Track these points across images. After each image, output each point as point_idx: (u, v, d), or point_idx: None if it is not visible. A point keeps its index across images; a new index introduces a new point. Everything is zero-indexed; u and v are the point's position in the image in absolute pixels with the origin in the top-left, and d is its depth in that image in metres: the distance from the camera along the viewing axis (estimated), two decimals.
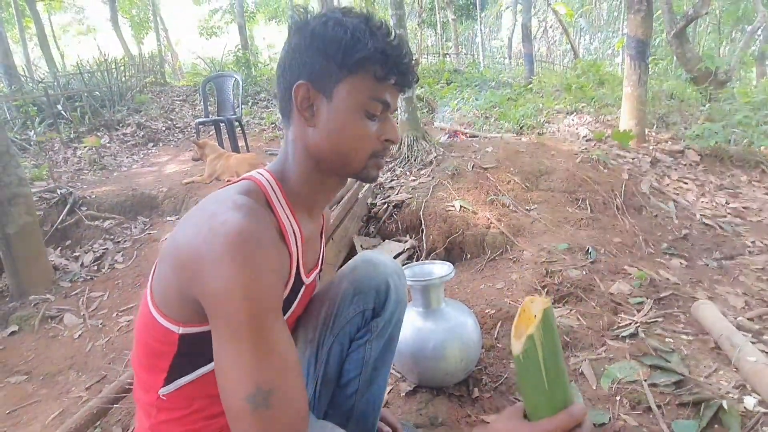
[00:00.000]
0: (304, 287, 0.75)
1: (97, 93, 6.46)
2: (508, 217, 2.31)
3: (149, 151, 5.73)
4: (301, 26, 0.65)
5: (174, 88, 8.64)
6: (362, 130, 0.66)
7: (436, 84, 7.81)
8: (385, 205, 2.40)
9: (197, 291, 0.56)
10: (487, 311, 1.67)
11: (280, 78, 0.68)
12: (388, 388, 1.34)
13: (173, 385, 0.65)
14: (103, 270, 2.93)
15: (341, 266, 2.17)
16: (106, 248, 3.18)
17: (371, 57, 0.62)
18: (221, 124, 4.69)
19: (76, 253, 3.12)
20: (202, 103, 5.92)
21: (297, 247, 0.69)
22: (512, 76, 9.31)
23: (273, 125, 6.44)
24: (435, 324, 1.28)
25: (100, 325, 2.36)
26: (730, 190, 3.04)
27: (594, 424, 1.18)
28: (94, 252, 3.11)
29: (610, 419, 1.20)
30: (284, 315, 0.70)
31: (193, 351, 0.62)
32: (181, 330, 0.61)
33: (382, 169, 0.74)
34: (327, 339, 0.86)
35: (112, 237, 3.31)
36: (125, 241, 3.27)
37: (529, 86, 6.73)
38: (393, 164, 3.01)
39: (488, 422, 1.19)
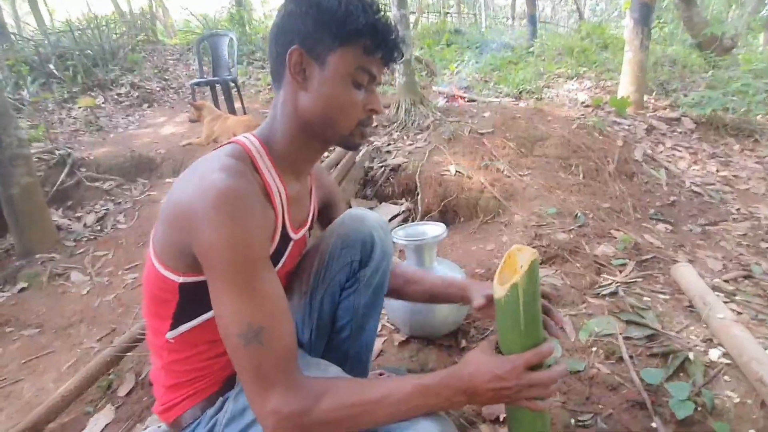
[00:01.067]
0: (292, 242, 0.82)
1: (88, 51, 6.28)
2: (502, 182, 2.37)
3: (144, 112, 5.65)
4: None
5: (167, 47, 8.36)
6: (351, 98, 0.71)
7: (436, 45, 7.61)
8: (382, 169, 2.44)
9: (192, 243, 0.63)
10: (477, 270, 1.76)
11: (274, 41, 0.72)
12: (383, 339, 1.45)
13: (178, 330, 0.74)
14: (106, 230, 3.00)
15: None
16: (108, 209, 3.23)
17: (362, 30, 0.67)
18: (216, 85, 4.62)
19: (78, 214, 3.17)
20: (196, 63, 5.79)
21: (282, 205, 0.76)
22: (514, 38, 9.04)
23: (269, 86, 6.33)
24: None
25: (107, 282, 2.45)
26: (722, 159, 3.09)
27: (570, 371, 1.30)
28: (95, 213, 3.16)
29: (585, 367, 1.31)
30: (276, 267, 0.78)
31: (193, 299, 0.70)
32: (181, 279, 0.69)
33: (366, 138, 0.80)
34: (319, 289, 0.94)
35: (113, 198, 3.36)
36: (126, 202, 3.31)
37: (531, 49, 6.57)
38: (390, 128, 3.02)
39: None
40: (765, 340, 1.38)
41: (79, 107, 4.99)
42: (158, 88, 6.38)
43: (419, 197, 2.25)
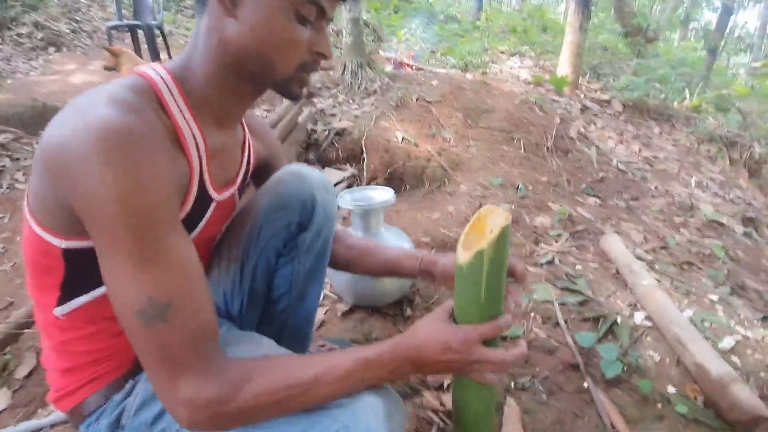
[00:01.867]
0: (214, 203, 0.68)
1: None
2: (448, 152, 2.35)
3: (51, 57, 4.91)
4: None
5: None
6: (292, 34, 0.58)
7: (383, 10, 7.37)
8: (326, 132, 2.31)
9: (69, 196, 0.49)
10: (423, 239, 1.73)
11: None
12: (325, 309, 1.37)
13: (69, 306, 0.59)
14: (2, 189, 2.57)
15: None
16: (3, 165, 2.77)
17: None
18: (139, 31, 4.08)
19: None
20: (114, 5, 5.06)
21: (199, 156, 0.61)
22: (460, 11, 9.04)
23: None
24: None
25: (2, 249, 2.11)
26: (644, 140, 3.34)
27: (510, 336, 1.32)
28: None
29: (524, 332, 1.35)
30: (192, 232, 0.65)
31: (84, 269, 0.56)
32: (64, 244, 0.54)
33: (306, 86, 0.66)
34: (251, 255, 0.82)
35: (10, 153, 2.88)
36: (26, 159, 2.85)
37: (477, 24, 6.60)
38: (335, 90, 2.86)
39: None
40: (680, 304, 1.51)
41: None
42: (68, 31, 5.55)
43: (365, 163, 2.17)
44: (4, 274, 1.94)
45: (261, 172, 0.86)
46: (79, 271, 0.56)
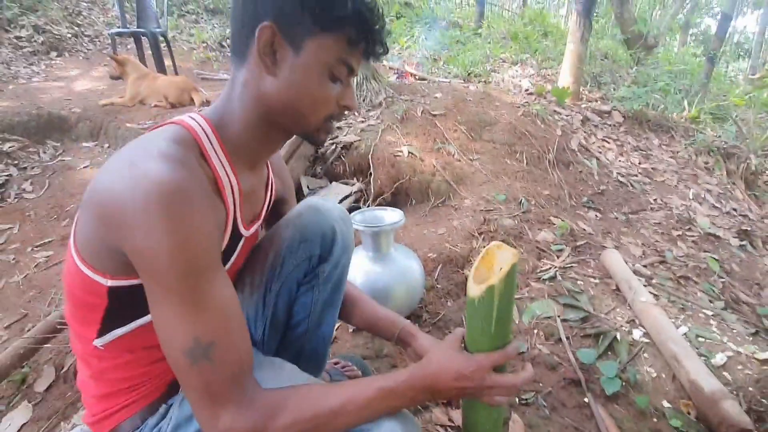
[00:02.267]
0: (243, 239, 0.74)
1: None
2: (453, 166, 2.40)
3: (53, 62, 4.94)
4: None
5: None
6: (324, 92, 0.64)
7: (386, 16, 7.42)
8: (333, 146, 2.36)
9: (123, 245, 0.53)
10: (429, 255, 1.78)
11: (240, 7, 0.62)
12: (337, 325, 1.42)
13: (108, 337, 0.64)
14: (9, 199, 2.61)
15: None
16: (10, 175, 2.80)
17: (349, 18, 0.60)
18: (142, 38, 4.11)
19: None
20: (116, 9, 5.08)
21: (234, 200, 0.67)
22: (462, 17, 9.09)
23: (204, 44, 5.80)
24: (383, 268, 1.35)
25: (13, 261, 2.15)
26: (644, 152, 3.40)
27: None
28: None
29: (527, 348, 1.40)
30: (225, 266, 0.70)
31: (125, 304, 0.60)
32: (110, 283, 0.59)
33: (331, 133, 0.74)
34: (274, 284, 0.87)
35: (16, 162, 2.92)
36: (33, 168, 2.90)
37: (479, 31, 6.65)
38: (347, 114, 2.90)
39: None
40: (676, 319, 1.57)
41: None
42: (69, 35, 5.57)
43: (372, 178, 2.22)
44: (16, 286, 1.98)
45: (275, 205, 0.92)
46: (120, 306, 0.61)
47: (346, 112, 0.71)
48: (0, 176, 2.77)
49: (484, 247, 0.72)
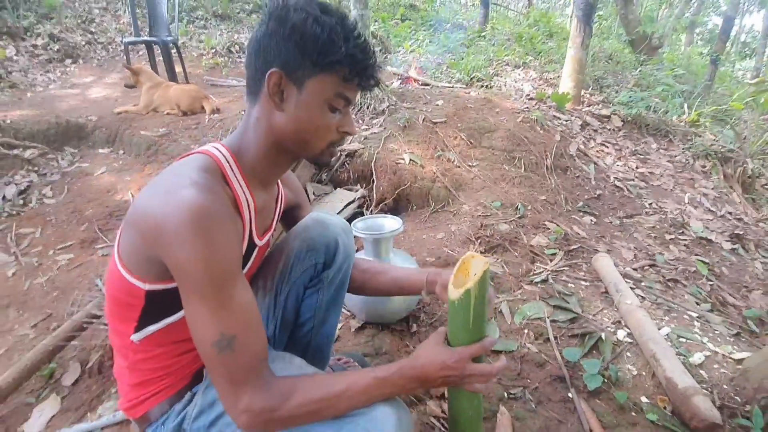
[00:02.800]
0: (257, 248, 0.87)
1: None
2: (452, 172, 2.50)
3: (68, 69, 5.10)
4: (281, 15, 0.70)
5: None
6: (325, 122, 0.75)
7: (390, 19, 7.52)
8: (338, 154, 2.47)
9: (162, 257, 0.65)
10: (428, 259, 1.88)
11: (254, 56, 0.74)
12: (340, 325, 1.53)
13: (143, 333, 0.76)
14: (30, 205, 2.76)
15: None
16: (31, 181, 2.95)
17: (342, 60, 0.71)
18: (154, 46, 4.25)
19: None
20: (128, 16, 5.22)
21: (250, 216, 0.79)
22: (467, 18, 9.16)
23: (213, 50, 5.94)
24: None
25: (36, 263, 2.28)
26: (642, 156, 3.47)
27: (505, 351, 1.48)
28: (16, 185, 2.87)
29: (517, 347, 1.50)
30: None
31: (159, 305, 0.72)
32: (147, 287, 0.71)
33: (335, 156, 0.87)
34: (284, 288, 1.00)
35: (36, 169, 3.06)
36: (53, 174, 3.04)
37: (483, 33, 6.72)
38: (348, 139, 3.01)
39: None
40: (660, 321, 1.65)
41: None
42: (83, 42, 5.73)
43: (374, 184, 2.32)
44: (41, 287, 2.11)
45: (288, 212, 1.06)
46: (155, 307, 0.74)
47: (346, 137, 0.83)
48: (22, 182, 2.92)
49: (470, 254, 0.85)
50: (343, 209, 2.16)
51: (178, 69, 4.28)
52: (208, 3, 7.13)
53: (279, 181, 0.96)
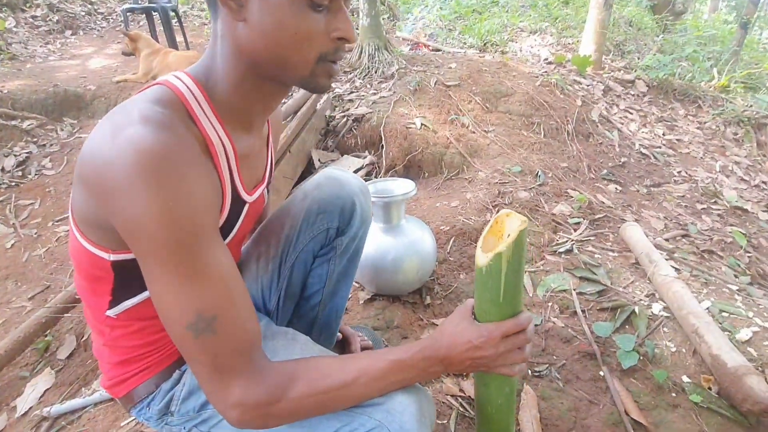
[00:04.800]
0: (247, 205, 0.70)
1: None
2: (467, 138, 2.34)
3: (68, 40, 4.96)
4: None
5: None
6: (306, 26, 0.53)
7: None
8: (345, 119, 2.31)
9: (111, 218, 0.50)
10: (441, 227, 1.75)
11: None
12: (349, 296, 1.42)
13: (119, 308, 0.63)
14: (30, 176, 2.68)
15: (299, 181, 2.14)
16: (30, 152, 2.86)
17: None
18: (154, 13, 4.08)
19: None
20: None
21: (229, 164, 0.62)
22: None
23: None
24: (395, 239, 1.33)
25: (35, 235, 2.21)
26: (669, 122, 3.25)
27: None
28: (15, 156, 2.79)
29: (541, 321, 1.37)
30: (228, 235, 0.67)
31: (132, 276, 0.57)
32: (112, 257, 0.57)
33: (334, 76, 0.62)
34: (290, 255, 0.86)
35: (35, 140, 2.97)
36: (51, 145, 2.95)
37: None
38: (353, 75, 2.84)
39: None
40: (698, 294, 1.51)
41: None
42: (83, 13, 5.57)
43: (384, 150, 2.18)
44: (39, 259, 2.04)
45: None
46: (128, 278, 0.59)
47: (345, 47, 0.61)
48: (21, 153, 2.83)
49: (505, 211, 0.67)
50: None
51: (179, 38, 4.12)
52: None
53: (269, 122, 0.77)
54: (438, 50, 3.95)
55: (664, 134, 3.07)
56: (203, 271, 0.51)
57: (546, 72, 3.20)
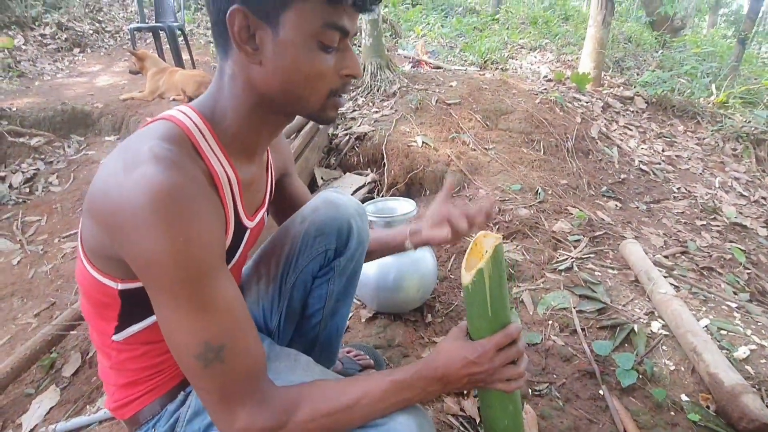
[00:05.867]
0: (248, 231, 0.72)
1: None
2: (467, 156, 2.37)
3: (75, 58, 5.06)
4: None
5: None
6: (318, 66, 0.57)
7: (400, 4, 7.33)
8: (347, 137, 2.36)
9: (121, 251, 0.52)
10: (443, 246, 1.77)
11: None
12: (349, 315, 1.44)
13: (126, 332, 0.65)
14: (37, 193, 2.72)
15: None
16: (37, 169, 2.91)
17: None
18: (161, 32, 4.18)
19: (2, 174, 2.83)
20: (136, 5, 5.17)
21: (233, 193, 0.64)
22: (479, 3, 8.90)
23: None
24: (396, 258, 1.35)
25: (41, 251, 2.24)
26: (668, 139, 3.28)
27: (528, 344, 1.37)
28: (23, 173, 2.84)
29: (541, 339, 1.39)
30: (231, 261, 0.70)
31: (139, 302, 0.59)
32: (120, 286, 0.59)
33: (341, 108, 0.66)
34: (290, 276, 0.88)
35: (43, 156, 3.02)
36: (59, 162, 3.00)
37: (496, 17, 6.50)
38: (355, 93, 2.89)
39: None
40: (697, 311, 1.52)
41: None
42: (91, 31, 5.69)
43: (385, 168, 2.21)
44: (45, 276, 2.07)
45: (277, 184, 0.90)
46: (135, 305, 0.61)
47: (352, 81, 0.64)
48: (29, 170, 2.88)
49: (481, 233, 0.72)
50: (353, 194, 2.06)
51: (185, 56, 4.21)
52: None
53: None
54: (439, 68, 4.02)
55: (663, 150, 3.10)
56: (211, 303, 0.53)
57: (545, 89, 3.25)
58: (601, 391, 1.20)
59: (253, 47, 0.56)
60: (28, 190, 2.72)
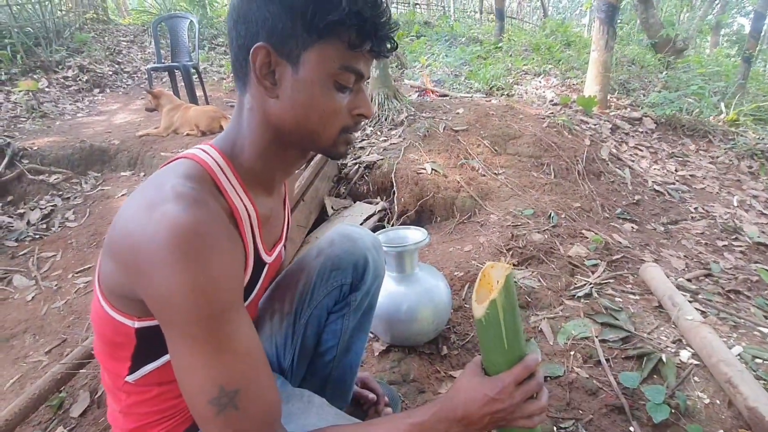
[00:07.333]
0: (267, 267, 0.72)
1: (29, 29, 5.72)
2: (477, 181, 2.36)
3: (95, 98, 5.26)
4: None
5: (119, 27, 7.79)
6: (333, 105, 0.59)
7: (405, 37, 7.55)
8: (356, 166, 2.37)
9: (140, 290, 0.52)
10: (455, 273, 1.74)
11: (233, 32, 0.58)
12: (364, 352, 1.39)
13: (139, 373, 0.64)
14: (53, 228, 2.77)
15: (312, 229, 2.16)
16: (55, 205, 2.97)
17: (345, 21, 0.54)
18: (176, 71, 4.34)
19: (20, 211, 2.90)
20: (153, 46, 5.40)
21: (252, 229, 0.64)
22: (482, 32, 9.12)
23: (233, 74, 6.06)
24: (408, 288, 1.32)
25: (55, 287, 2.25)
26: (680, 158, 3.24)
27: (550, 377, 1.30)
28: (41, 209, 2.90)
29: (564, 372, 1.32)
30: (249, 296, 0.69)
31: (154, 342, 0.58)
32: (137, 324, 0.58)
33: (351, 145, 0.68)
34: (304, 312, 0.86)
35: (60, 193, 3.10)
36: (75, 198, 3.07)
37: (499, 45, 6.64)
38: (364, 123, 2.94)
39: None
40: (728, 338, 1.44)
41: (20, 91, 4.55)
42: (110, 72, 5.95)
43: (395, 196, 2.21)
44: (57, 312, 2.07)
45: None
46: (150, 344, 0.60)
47: (363, 120, 0.66)
48: (46, 207, 2.94)
49: (489, 263, 0.70)
50: (363, 223, 2.04)
51: (199, 93, 4.36)
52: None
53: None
54: (445, 95, 4.08)
55: (676, 170, 3.05)
56: (228, 344, 0.52)
57: (552, 113, 3.26)
58: (631, 428, 1.13)
59: (272, 82, 0.58)
60: (45, 226, 2.77)
